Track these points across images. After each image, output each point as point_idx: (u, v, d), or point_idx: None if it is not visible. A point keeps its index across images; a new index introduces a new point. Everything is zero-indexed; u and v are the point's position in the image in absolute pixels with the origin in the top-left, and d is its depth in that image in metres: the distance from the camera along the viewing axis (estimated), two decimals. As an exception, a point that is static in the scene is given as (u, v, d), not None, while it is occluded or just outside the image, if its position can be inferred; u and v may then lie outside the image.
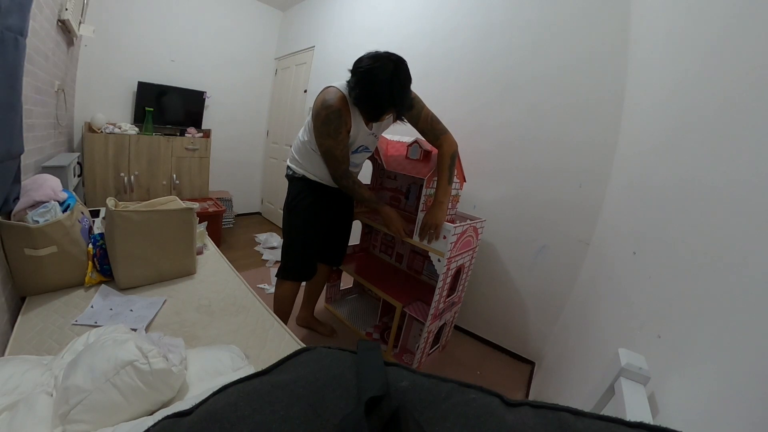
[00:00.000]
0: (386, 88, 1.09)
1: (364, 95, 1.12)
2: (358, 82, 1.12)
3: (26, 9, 0.96)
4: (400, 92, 1.13)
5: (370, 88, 1.10)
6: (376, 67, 1.09)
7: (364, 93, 1.12)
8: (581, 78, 1.59)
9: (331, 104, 1.18)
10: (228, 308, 1.26)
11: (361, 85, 1.12)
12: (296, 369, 0.29)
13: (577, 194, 1.63)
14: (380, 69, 1.09)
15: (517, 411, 0.24)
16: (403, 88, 1.14)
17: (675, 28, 0.98)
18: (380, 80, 1.08)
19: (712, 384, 0.43)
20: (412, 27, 2.33)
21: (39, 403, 0.65)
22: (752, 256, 0.43)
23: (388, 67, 1.09)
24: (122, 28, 2.67)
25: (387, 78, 1.08)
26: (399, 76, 1.11)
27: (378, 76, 1.08)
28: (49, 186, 1.20)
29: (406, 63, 1.15)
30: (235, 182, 3.77)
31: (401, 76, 1.12)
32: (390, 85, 1.09)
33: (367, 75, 1.10)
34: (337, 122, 1.21)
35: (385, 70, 1.09)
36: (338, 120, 1.20)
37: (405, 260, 2.02)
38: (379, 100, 1.12)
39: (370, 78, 1.09)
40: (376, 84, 1.09)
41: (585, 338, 1.10)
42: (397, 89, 1.11)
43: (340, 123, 1.21)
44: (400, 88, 1.12)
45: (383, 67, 1.09)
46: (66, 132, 2.28)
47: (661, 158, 0.87)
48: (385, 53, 1.13)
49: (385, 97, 1.11)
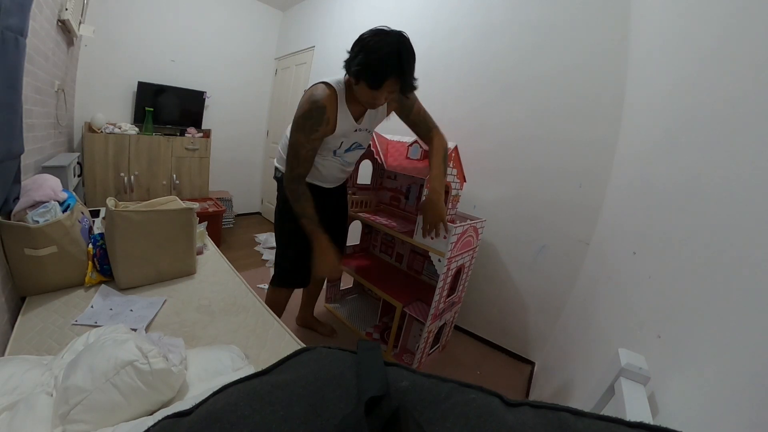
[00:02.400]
0: (394, 49, 1.02)
1: (369, 60, 1.04)
2: (363, 48, 1.04)
3: (26, 9, 0.96)
4: (408, 58, 1.06)
5: (376, 51, 1.02)
6: (381, 32, 1.04)
7: (369, 57, 1.03)
8: (581, 78, 1.59)
9: (317, 99, 1.13)
10: (228, 308, 1.26)
11: (366, 51, 1.04)
12: (296, 369, 0.29)
13: (577, 194, 1.63)
14: (386, 34, 1.03)
15: (517, 411, 0.24)
16: (411, 56, 1.08)
17: (674, 27, 0.98)
18: (388, 42, 1.02)
19: (712, 384, 0.43)
20: (412, 27, 2.31)
21: (39, 403, 0.65)
22: (752, 256, 0.43)
23: (394, 34, 1.04)
24: (122, 28, 2.67)
25: (394, 41, 1.03)
26: (406, 44, 1.05)
27: (384, 39, 1.02)
28: (49, 186, 1.20)
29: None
30: (235, 182, 3.77)
31: (408, 44, 1.06)
32: (398, 47, 1.02)
33: (372, 39, 1.03)
34: (318, 119, 1.14)
35: (392, 35, 1.04)
36: (319, 117, 1.14)
37: (405, 260, 2.02)
38: (387, 61, 1.03)
39: (377, 42, 1.02)
40: (384, 45, 1.02)
41: (585, 338, 1.10)
42: (404, 54, 1.04)
43: (320, 121, 1.15)
44: (407, 54, 1.06)
45: (390, 33, 1.04)
46: (66, 132, 2.28)
47: (662, 158, 0.87)
48: (383, 27, 1.07)
49: (393, 59, 1.03)
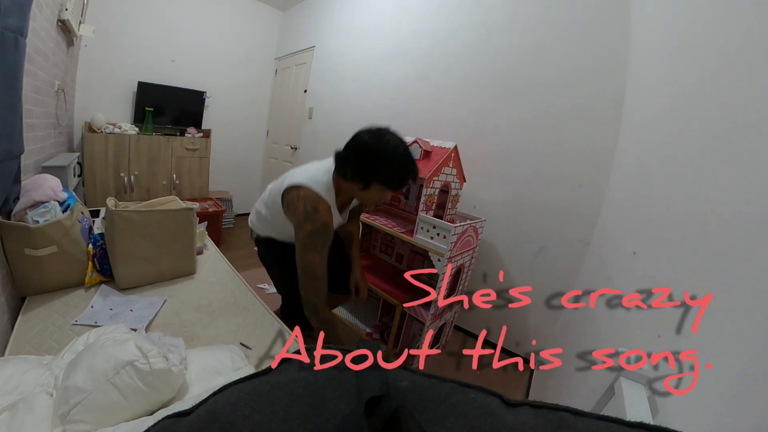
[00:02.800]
0: (407, 152, 1.05)
1: (393, 168, 1.04)
2: (378, 155, 1.02)
3: (26, 9, 0.96)
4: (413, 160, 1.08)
5: (395, 158, 1.03)
6: (383, 135, 1.04)
7: (392, 165, 1.03)
8: (581, 79, 1.59)
9: (318, 215, 1.04)
10: (228, 308, 1.26)
11: (384, 158, 1.02)
12: (296, 369, 0.29)
13: (577, 194, 1.63)
14: (391, 136, 1.04)
15: (517, 411, 0.24)
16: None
17: (675, 31, 0.98)
18: (396, 145, 1.03)
19: (713, 384, 0.43)
20: (412, 27, 2.33)
21: (39, 403, 0.65)
22: (753, 256, 0.43)
23: (394, 135, 1.05)
24: (122, 28, 2.67)
25: (400, 142, 1.05)
26: (405, 143, 1.08)
27: (392, 142, 1.03)
28: (49, 186, 1.20)
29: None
30: (235, 182, 3.77)
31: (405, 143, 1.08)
32: (405, 148, 1.05)
33: (383, 146, 1.02)
34: (326, 236, 1.07)
35: (395, 136, 1.05)
36: (326, 233, 1.07)
37: (405, 260, 2.02)
38: (409, 166, 1.06)
39: (389, 148, 1.02)
40: (397, 150, 1.03)
41: (585, 338, 1.10)
42: (411, 155, 1.07)
43: (328, 236, 1.08)
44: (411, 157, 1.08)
45: (391, 133, 1.05)
46: (66, 132, 2.28)
47: (662, 158, 0.87)
48: (377, 128, 1.07)
49: (412, 163, 1.06)
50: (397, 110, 2.41)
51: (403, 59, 2.37)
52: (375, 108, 2.60)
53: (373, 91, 2.61)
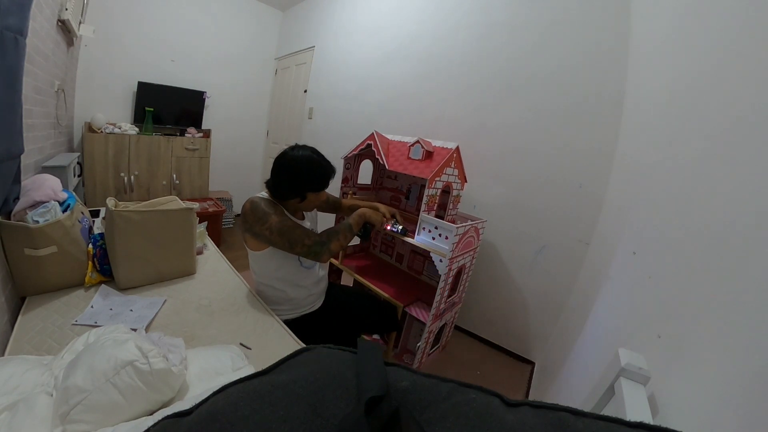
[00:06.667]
0: (317, 154, 1.22)
1: (314, 171, 1.19)
2: (301, 167, 1.17)
3: (26, 9, 0.96)
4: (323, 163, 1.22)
5: (312, 162, 1.18)
6: (295, 148, 1.21)
7: (314, 169, 1.19)
8: (582, 78, 1.59)
9: (255, 200, 1.17)
10: (228, 308, 1.26)
11: (305, 167, 1.18)
12: (296, 369, 0.29)
13: (578, 194, 1.63)
14: (301, 148, 1.20)
15: (517, 411, 0.24)
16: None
17: (676, 28, 0.98)
18: (306, 152, 1.19)
19: (712, 384, 0.43)
20: (412, 27, 2.33)
21: (39, 403, 0.65)
22: (752, 256, 0.43)
23: (304, 146, 1.22)
24: (122, 28, 2.68)
25: (308, 148, 1.21)
26: (314, 149, 1.24)
27: (303, 151, 1.19)
28: (49, 186, 1.19)
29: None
30: (235, 182, 3.77)
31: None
32: (312, 151, 1.21)
33: (297, 157, 1.18)
34: (267, 206, 1.15)
35: (305, 147, 1.21)
36: (267, 205, 1.16)
37: (405, 260, 2.02)
38: (327, 165, 1.21)
39: (304, 156, 1.18)
40: (308, 154, 1.19)
41: (585, 338, 1.10)
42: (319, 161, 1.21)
43: (268, 205, 1.16)
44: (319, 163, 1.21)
45: (301, 147, 1.21)
46: (66, 132, 2.28)
47: (662, 158, 0.87)
48: (287, 148, 1.22)
49: (326, 161, 1.22)
50: (397, 110, 2.41)
51: (403, 59, 2.37)
52: (375, 108, 2.60)
53: (373, 91, 2.61)
